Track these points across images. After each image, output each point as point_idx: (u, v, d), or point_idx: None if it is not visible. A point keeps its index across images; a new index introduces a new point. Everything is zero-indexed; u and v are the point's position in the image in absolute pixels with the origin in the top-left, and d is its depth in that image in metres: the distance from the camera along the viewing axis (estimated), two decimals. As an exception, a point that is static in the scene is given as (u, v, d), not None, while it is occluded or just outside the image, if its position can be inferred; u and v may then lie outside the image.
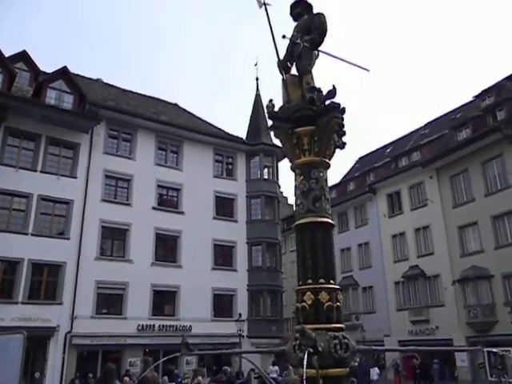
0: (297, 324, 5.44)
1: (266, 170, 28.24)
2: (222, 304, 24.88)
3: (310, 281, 5.32)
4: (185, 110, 31.62)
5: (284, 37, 6.66)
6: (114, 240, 23.32)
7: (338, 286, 5.48)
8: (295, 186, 5.98)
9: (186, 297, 23.37)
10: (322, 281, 5.32)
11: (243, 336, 21.48)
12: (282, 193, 34.83)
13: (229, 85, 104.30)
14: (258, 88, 31.23)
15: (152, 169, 24.90)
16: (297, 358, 4.99)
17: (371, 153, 41.13)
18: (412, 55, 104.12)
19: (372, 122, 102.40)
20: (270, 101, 6.24)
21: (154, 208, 24.33)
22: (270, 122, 6.19)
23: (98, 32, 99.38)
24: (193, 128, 27.16)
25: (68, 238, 21.51)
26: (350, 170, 42.26)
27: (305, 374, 3.95)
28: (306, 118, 5.89)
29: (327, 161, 6.01)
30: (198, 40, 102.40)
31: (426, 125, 37.11)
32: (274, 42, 6.74)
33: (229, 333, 22.28)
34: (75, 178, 22.50)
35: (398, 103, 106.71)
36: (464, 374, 24.59)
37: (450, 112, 35.04)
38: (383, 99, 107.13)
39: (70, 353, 20.01)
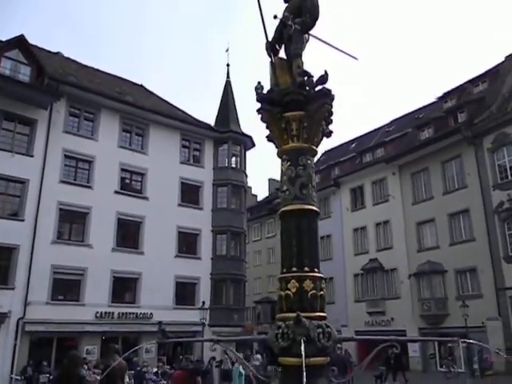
0: (279, 312, 5.31)
1: (233, 158, 27.97)
2: (185, 292, 24.56)
3: (294, 268, 5.20)
4: (151, 92, 30.71)
5: (275, 17, 6.44)
6: (73, 223, 22.39)
7: (322, 275, 5.40)
8: (281, 172, 5.82)
9: (147, 284, 22.86)
10: (306, 269, 5.21)
11: (205, 324, 21.28)
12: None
13: (198, 70, 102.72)
14: (228, 74, 30.78)
15: (115, 151, 24.03)
16: (279, 347, 4.88)
17: (337, 147, 41.71)
18: (381, 55, 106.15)
19: (338, 117, 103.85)
20: (259, 83, 6.01)
21: (116, 192, 23.54)
22: (257, 105, 5.98)
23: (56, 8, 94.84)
24: (160, 111, 26.40)
25: (22, 220, 20.42)
26: (316, 162, 42.54)
27: (304, 363, 3.83)
28: (296, 103, 5.72)
29: (315, 148, 5.88)
30: (165, 23, 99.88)
31: (390, 122, 37.97)
32: (263, 22, 6.49)
33: (190, 321, 22.02)
34: (31, 156, 21.32)
35: (364, 99, 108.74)
36: (415, 364, 25.56)
37: (414, 111, 36.03)
38: (351, 94, 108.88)
39: (23, 340, 19.11)
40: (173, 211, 25.03)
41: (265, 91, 6.25)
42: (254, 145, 29.26)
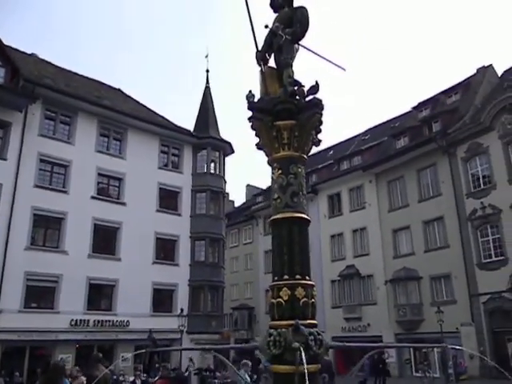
0: (271, 320, 5.33)
1: (212, 164, 27.87)
2: (162, 299, 24.23)
3: (286, 276, 5.23)
4: (129, 96, 30.38)
5: (266, 26, 6.51)
6: (48, 229, 21.84)
7: (313, 283, 5.45)
8: (272, 180, 5.86)
9: (124, 291, 22.44)
10: (298, 276, 5.25)
11: (183, 331, 21.01)
12: (225, 189, 34.63)
13: (177, 76, 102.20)
14: (207, 80, 30.76)
15: (92, 155, 23.61)
16: (271, 355, 4.90)
17: (314, 154, 42.08)
18: (355, 65, 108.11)
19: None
20: (250, 91, 6.05)
21: (93, 197, 23.10)
22: (249, 113, 6.00)
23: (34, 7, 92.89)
24: (138, 116, 26.13)
25: (-6, 225, 19.80)
26: (293, 169, 42.84)
27: (306, 371, 3.84)
28: (287, 112, 5.78)
29: (305, 156, 5.96)
30: (146, 30, 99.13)
31: (366, 131, 38.63)
32: (253, 31, 6.54)
33: (168, 328, 21.69)
34: (5, 159, 20.73)
35: (340, 108, 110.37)
36: (392, 369, 25.87)
37: (389, 121, 36.77)
38: (326, 102, 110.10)
39: (-5, 349, 18.49)
40: (151, 217, 24.72)
41: (252, 99, 6.31)
42: (233, 151, 29.27)
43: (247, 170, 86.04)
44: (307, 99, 5.84)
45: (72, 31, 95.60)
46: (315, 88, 5.78)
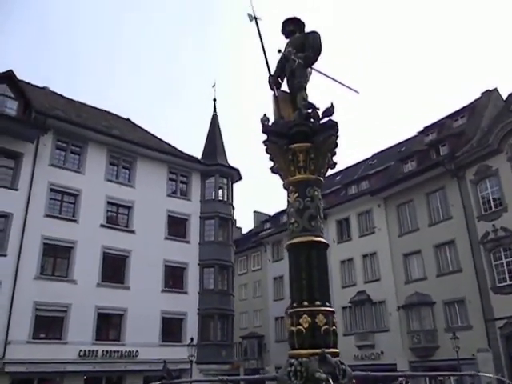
0: (290, 349, 5.18)
1: (220, 191, 27.96)
2: (171, 328, 23.86)
3: (305, 303, 5.12)
4: (138, 125, 30.82)
5: (279, 51, 6.62)
6: (57, 258, 21.81)
7: (333, 309, 5.32)
8: (288, 204, 5.83)
9: (133, 320, 22.17)
10: (318, 303, 5.14)
11: (193, 362, 20.58)
12: (233, 215, 34.58)
13: (185, 105, 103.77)
14: (215, 109, 31.23)
15: (102, 184, 23.80)
16: (292, 386, 4.73)
17: (322, 179, 42.06)
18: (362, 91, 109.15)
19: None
20: (265, 115, 6.09)
21: (102, 226, 23.14)
22: (259, 137, 6.03)
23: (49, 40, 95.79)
24: (147, 144, 26.45)
25: (5, 255, 19.81)
26: (300, 195, 42.83)
27: None
28: (303, 135, 5.80)
29: (321, 179, 5.93)
30: (153, 60, 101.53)
31: (372, 156, 38.69)
32: (265, 56, 6.65)
33: (177, 358, 21.24)
34: (16, 190, 20.98)
35: (346, 135, 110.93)
36: (407, 399, 25.05)
37: (395, 145, 36.84)
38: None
39: (2, 381, 18.13)
40: (159, 245, 24.67)
41: (267, 123, 6.32)
42: (240, 177, 29.38)
43: (254, 196, 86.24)
44: (322, 121, 5.87)
45: (78, 63, 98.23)
46: (330, 110, 5.81)
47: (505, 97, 30.04)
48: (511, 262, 22.38)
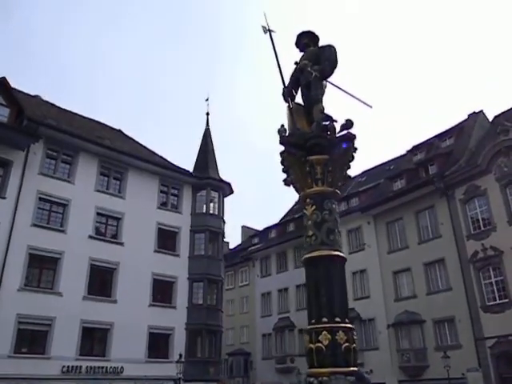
0: (308, 367, 5.01)
1: (211, 204, 27.73)
2: (158, 344, 23.25)
3: (325, 319, 4.97)
4: (129, 137, 30.57)
5: (297, 64, 6.57)
6: (43, 269, 21.17)
7: (352, 326, 5.17)
8: (305, 216, 5.71)
9: (119, 335, 21.56)
10: (338, 319, 4.99)
11: (180, 379, 20.06)
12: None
13: (176, 119, 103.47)
14: (207, 123, 31.25)
15: (92, 195, 23.37)
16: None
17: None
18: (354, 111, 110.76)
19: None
20: (282, 126, 6.01)
21: (90, 237, 22.64)
22: (281, 148, 5.92)
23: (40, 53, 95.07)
24: (138, 156, 26.18)
25: (-12, 265, 19.17)
26: (290, 210, 42.92)
27: None
28: (320, 147, 5.72)
29: (339, 192, 5.83)
30: (147, 73, 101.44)
31: (362, 173, 38.99)
32: (280, 69, 6.60)
33: (164, 375, 20.70)
34: (4, 198, 20.41)
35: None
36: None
37: (384, 163, 37.25)
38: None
39: (-19, 398, 17.39)
40: (148, 257, 24.23)
41: (284, 134, 6.22)
42: (232, 191, 29.23)
43: (242, 210, 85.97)
44: (341, 134, 5.80)
45: (71, 74, 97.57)
46: (349, 123, 5.75)
47: (490, 118, 30.77)
48: (500, 281, 22.55)
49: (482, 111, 31.74)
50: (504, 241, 22.50)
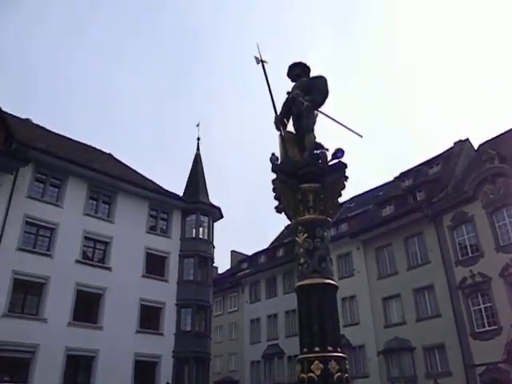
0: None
1: (201, 229, 27.60)
2: (144, 373, 22.60)
3: (317, 348, 4.95)
4: (119, 161, 30.55)
5: (288, 93, 6.72)
6: (28, 295, 20.72)
7: (345, 355, 5.15)
8: (297, 244, 5.74)
9: (104, 363, 20.98)
10: (330, 348, 4.98)
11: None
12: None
13: (168, 142, 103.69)
14: (198, 147, 31.42)
15: (80, 218, 23.13)
16: None
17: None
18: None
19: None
20: (273, 154, 6.11)
21: (77, 261, 22.29)
22: (273, 175, 5.99)
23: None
24: (128, 179, 26.11)
25: (-29, 290, 18.74)
26: (280, 235, 42.88)
27: None
28: (312, 175, 5.81)
29: (330, 220, 5.90)
30: (137, 100, 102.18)
31: (351, 199, 39.29)
32: (272, 98, 6.76)
33: (150, 407, 20.14)
34: (-10, 222, 20.15)
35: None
36: None
37: (373, 189, 37.67)
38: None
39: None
40: (136, 283, 23.86)
41: (276, 162, 6.30)
42: (221, 216, 29.18)
43: (231, 235, 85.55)
44: (332, 162, 5.91)
45: (64, 97, 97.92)
46: (340, 152, 5.87)
47: (476, 146, 31.48)
48: (489, 307, 22.64)
49: (467, 139, 32.47)
50: (492, 267, 22.71)
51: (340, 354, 4.97)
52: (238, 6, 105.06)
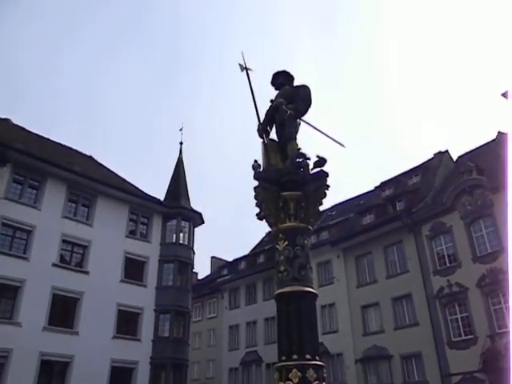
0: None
1: (181, 234, 27.41)
2: (121, 379, 22.21)
3: (295, 356, 4.96)
4: (100, 163, 30.19)
5: (272, 101, 6.76)
6: (2, 298, 20.21)
7: (322, 363, 5.17)
8: (277, 251, 5.76)
9: (79, 369, 20.58)
10: (308, 356, 4.99)
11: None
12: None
13: (149, 148, 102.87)
14: (181, 152, 31.27)
15: (58, 221, 22.74)
16: None
17: (281, 228, 42.27)
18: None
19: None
20: (255, 161, 6.13)
21: (54, 265, 21.89)
22: (255, 183, 6.01)
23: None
24: (109, 183, 25.82)
25: None
26: (260, 242, 42.85)
27: None
28: (294, 183, 5.85)
29: (311, 228, 5.93)
30: (120, 100, 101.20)
31: (332, 207, 39.56)
32: (255, 106, 6.79)
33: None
34: (-37, 223, 19.68)
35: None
36: None
37: (354, 198, 38.02)
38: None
39: None
40: (114, 287, 23.54)
41: (258, 169, 6.32)
42: (202, 221, 29.05)
43: (211, 241, 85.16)
44: (314, 171, 5.95)
45: (45, 98, 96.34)
46: (322, 161, 5.92)
47: (455, 158, 32.11)
48: (465, 317, 22.97)
49: (447, 151, 33.09)
50: (469, 277, 23.09)
51: (318, 363, 4.98)
52: (224, 7, 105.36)
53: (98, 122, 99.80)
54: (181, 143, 31.59)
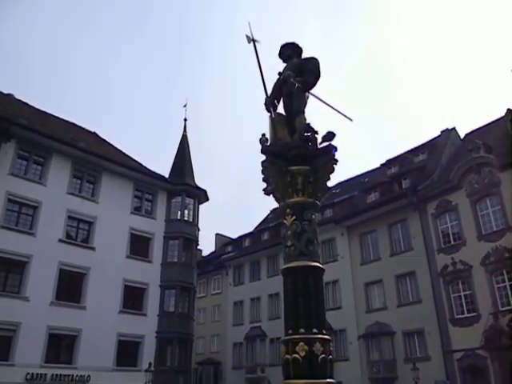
0: (284, 378, 4.96)
1: (186, 211, 27.47)
2: (127, 352, 22.69)
3: (302, 330, 4.95)
4: (104, 140, 30.08)
5: (280, 74, 6.59)
6: (9, 273, 20.45)
7: (329, 337, 5.17)
8: (284, 226, 5.70)
9: (87, 342, 20.97)
10: (315, 330, 4.98)
11: (149, 389, 19.65)
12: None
13: (154, 121, 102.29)
14: (185, 129, 31.04)
15: (64, 197, 22.81)
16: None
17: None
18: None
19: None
20: (263, 135, 6.01)
21: (60, 240, 22.06)
22: (263, 157, 5.91)
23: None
24: (113, 159, 25.77)
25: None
26: (265, 219, 42.96)
27: None
28: (302, 158, 5.74)
29: (319, 203, 5.85)
30: (126, 83, 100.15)
31: (336, 185, 39.39)
32: (263, 78, 6.61)
33: (132, 385, 20.25)
34: (-30, 198, 19.76)
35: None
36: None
37: (359, 176, 37.78)
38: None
39: None
40: (120, 263, 23.76)
41: (265, 143, 6.20)
42: (207, 199, 29.07)
43: (216, 218, 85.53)
44: (322, 145, 5.84)
45: (50, 75, 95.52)
46: (331, 135, 5.79)
47: (462, 136, 31.69)
48: (469, 294, 23.07)
49: (454, 128, 32.62)
50: (473, 255, 23.09)
51: (325, 336, 4.98)
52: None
53: (103, 98, 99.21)
54: (185, 120, 31.36)
